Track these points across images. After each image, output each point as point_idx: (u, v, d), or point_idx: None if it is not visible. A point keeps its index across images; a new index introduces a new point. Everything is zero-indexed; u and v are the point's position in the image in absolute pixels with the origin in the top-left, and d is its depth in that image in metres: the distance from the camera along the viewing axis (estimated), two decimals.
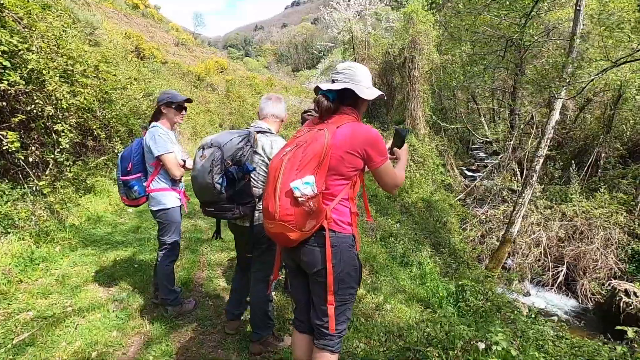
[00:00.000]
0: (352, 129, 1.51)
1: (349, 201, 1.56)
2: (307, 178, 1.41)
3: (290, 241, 1.49)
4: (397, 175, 1.63)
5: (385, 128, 11.69)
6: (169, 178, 2.65)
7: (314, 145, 1.46)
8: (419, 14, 10.15)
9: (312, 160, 1.44)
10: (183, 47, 25.59)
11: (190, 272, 3.40)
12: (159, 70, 15.84)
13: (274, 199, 1.45)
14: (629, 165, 9.15)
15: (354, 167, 1.52)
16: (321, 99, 1.56)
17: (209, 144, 1.98)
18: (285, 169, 1.45)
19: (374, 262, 4.17)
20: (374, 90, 1.65)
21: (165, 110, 2.67)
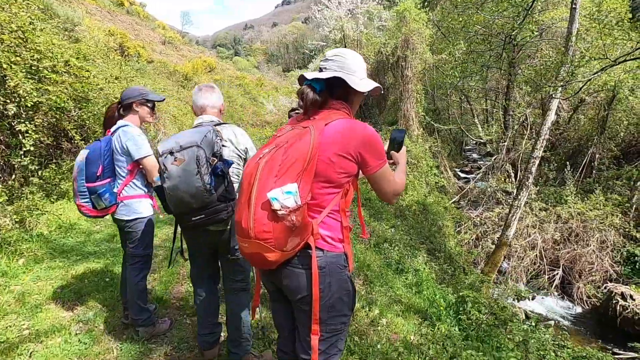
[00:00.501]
0: (343, 127, 1.28)
1: (340, 213, 1.33)
2: (289, 186, 1.17)
3: (269, 263, 1.24)
4: (397, 181, 1.41)
5: (379, 129, 11.53)
6: (145, 183, 2.46)
7: (297, 146, 1.22)
8: (411, 12, 10.03)
9: (294, 165, 1.20)
10: (170, 45, 25.15)
11: (167, 286, 3.13)
12: (144, 69, 15.47)
13: (247, 211, 1.20)
14: (623, 166, 9.16)
15: (345, 173, 1.29)
16: (306, 90, 1.33)
17: (181, 146, 1.80)
18: (262, 176, 1.21)
19: (368, 271, 3.96)
20: (369, 81, 1.43)
21: (138, 108, 2.45)
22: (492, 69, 10.57)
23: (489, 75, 11.70)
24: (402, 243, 5.52)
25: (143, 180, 2.46)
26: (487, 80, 12.21)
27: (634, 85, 8.55)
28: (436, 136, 12.41)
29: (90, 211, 2.37)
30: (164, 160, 1.79)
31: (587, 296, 7.76)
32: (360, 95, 1.44)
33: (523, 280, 8.60)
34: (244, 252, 1.27)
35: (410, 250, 5.46)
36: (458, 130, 14.31)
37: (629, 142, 9.41)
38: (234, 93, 20.73)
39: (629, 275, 7.70)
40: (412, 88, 10.96)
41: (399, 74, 11.04)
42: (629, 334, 6.49)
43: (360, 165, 1.33)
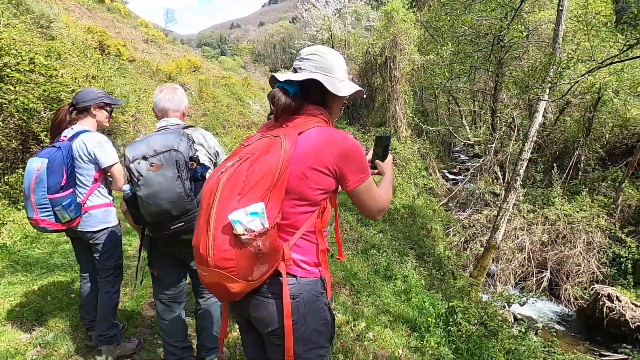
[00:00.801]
0: (319, 136, 1.14)
1: (316, 234, 1.18)
2: (254, 207, 1.02)
3: (232, 294, 1.09)
4: (383, 196, 1.26)
5: (367, 130, 11.46)
6: (109, 191, 2.35)
7: (264, 159, 1.07)
8: (399, 12, 10.00)
9: (261, 181, 1.05)
10: (153, 44, 24.64)
11: (139, 301, 2.93)
12: (125, 69, 15.08)
13: (206, 236, 1.04)
14: (608, 167, 9.30)
15: (322, 189, 1.15)
16: (277, 94, 1.17)
17: (155, 150, 1.69)
18: (222, 194, 1.05)
19: (354, 280, 3.84)
20: (350, 84, 1.28)
21: (96, 112, 2.30)
22: (480, 70, 10.63)
23: (476, 76, 11.78)
24: (390, 248, 5.42)
25: (107, 188, 2.37)
26: (474, 81, 12.29)
27: (618, 88, 8.68)
28: (424, 138, 12.43)
29: (53, 225, 2.18)
30: (137, 166, 1.67)
31: (574, 298, 7.83)
32: (341, 100, 1.30)
33: (511, 282, 8.63)
34: (203, 282, 1.11)
35: (398, 256, 5.36)
36: (446, 132, 14.38)
37: (613, 144, 9.57)
38: (220, 93, 20.42)
39: (614, 276, 7.80)
40: (401, 89, 10.93)
41: (387, 74, 11.00)
42: (615, 335, 6.55)
43: (339, 180, 1.18)
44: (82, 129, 2.24)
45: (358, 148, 1.17)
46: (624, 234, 7.84)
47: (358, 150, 1.17)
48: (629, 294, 6.93)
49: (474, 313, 3.04)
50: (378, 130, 11.07)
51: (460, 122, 14.01)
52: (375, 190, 1.23)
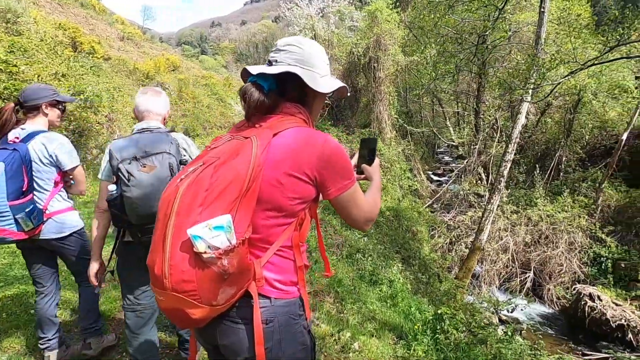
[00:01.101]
0: (297, 138, 1.02)
1: (294, 249, 1.06)
2: (219, 219, 0.89)
3: (193, 321, 0.95)
4: (371, 204, 1.14)
5: (351, 132, 11.43)
6: (67, 195, 2.27)
7: (232, 164, 0.95)
8: (383, 12, 10.01)
9: (228, 189, 0.92)
10: (129, 42, 24.03)
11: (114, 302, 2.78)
12: (99, 67, 14.60)
13: (162, 254, 0.91)
14: (588, 168, 9.56)
15: (300, 198, 1.02)
16: (249, 89, 1.05)
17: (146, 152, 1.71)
18: (182, 205, 0.92)
19: (339, 287, 3.74)
20: (332, 80, 1.16)
21: (48, 110, 2.14)
22: (463, 72, 10.77)
23: (459, 78, 11.93)
24: (375, 252, 5.37)
25: (65, 191, 2.27)
26: (458, 83, 12.45)
27: (596, 90, 8.94)
28: (409, 139, 12.49)
29: (14, 234, 2.02)
30: (127, 166, 1.65)
31: (557, 297, 7.99)
32: (322, 97, 1.18)
33: (496, 283, 8.74)
34: (160, 307, 0.97)
35: (384, 260, 5.31)
36: (430, 133, 14.51)
37: (593, 145, 9.84)
38: (200, 93, 20.07)
39: (595, 275, 7.99)
40: (385, 90, 10.95)
41: (371, 75, 11.00)
42: (596, 334, 6.68)
43: (319, 188, 1.06)
44: (36, 129, 2.08)
45: (341, 151, 1.05)
46: (604, 234, 8.05)
47: (341, 154, 1.05)
48: (610, 293, 7.10)
49: (462, 320, 3.00)
50: (363, 132, 11.05)
51: (444, 123, 14.19)
52: (361, 197, 1.11)
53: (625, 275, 7.52)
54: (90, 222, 4.75)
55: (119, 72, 16.94)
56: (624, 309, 6.63)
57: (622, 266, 7.65)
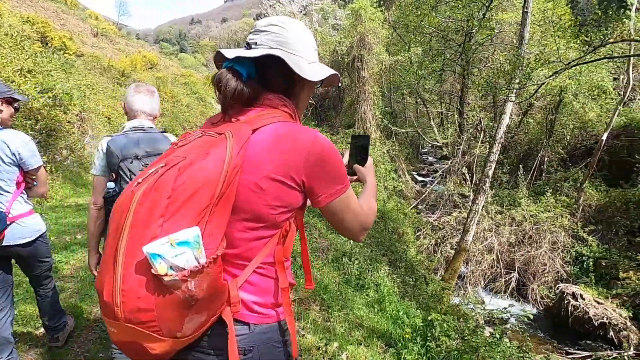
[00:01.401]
0: (280, 135, 0.87)
1: (276, 266, 0.92)
2: (185, 233, 0.75)
3: (154, 356, 0.79)
4: (366, 210, 1.00)
5: (335, 132, 11.37)
6: (27, 197, 2.15)
7: (202, 165, 0.80)
8: (367, 10, 10.00)
9: (196, 196, 0.77)
10: (104, 38, 23.32)
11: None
12: (71, 64, 14.06)
13: (112, 276, 0.75)
14: (569, 168, 9.81)
15: (284, 206, 0.89)
16: (225, 77, 0.89)
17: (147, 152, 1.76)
18: (137, 215, 0.76)
19: (325, 294, 3.64)
20: (322, 67, 1.01)
21: (3, 108, 1.98)
22: (447, 72, 10.88)
23: (443, 78, 12.06)
24: (362, 256, 5.30)
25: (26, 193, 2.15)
26: (442, 83, 12.59)
27: (577, 90, 9.17)
28: (394, 139, 12.54)
29: None
30: (129, 165, 1.70)
31: (541, 297, 8.13)
32: (310, 87, 1.03)
33: (481, 284, 8.85)
34: (112, 339, 0.82)
35: (370, 263, 5.25)
36: (414, 134, 14.62)
37: (574, 145, 10.10)
38: (179, 92, 19.66)
39: (577, 274, 8.17)
40: (369, 89, 10.95)
41: (355, 75, 10.98)
42: (580, 333, 6.82)
43: (307, 194, 0.92)
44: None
45: (333, 150, 0.91)
46: (586, 233, 8.26)
47: (333, 154, 0.91)
48: (591, 291, 7.26)
49: (454, 327, 2.95)
50: (347, 133, 11.01)
51: (428, 123, 14.33)
52: (355, 203, 0.97)
53: (606, 274, 7.72)
54: (58, 227, 4.46)
55: (92, 69, 16.38)
56: (605, 307, 6.79)
57: (603, 265, 7.85)
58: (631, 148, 8.78)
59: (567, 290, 7.34)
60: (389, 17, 11.65)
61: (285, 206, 0.89)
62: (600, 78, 9.01)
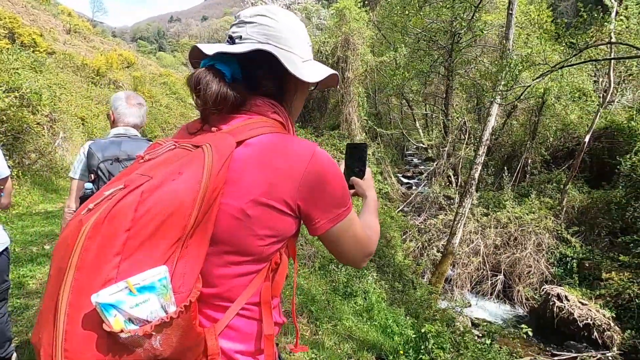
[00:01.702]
0: (272, 150, 0.75)
1: (263, 307, 0.79)
2: (148, 275, 0.60)
3: None
4: (368, 234, 0.88)
5: (320, 134, 11.29)
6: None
7: (172, 188, 0.65)
8: (351, 10, 9.97)
9: (164, 227, 0.63)
10: (77, 35, 22.64)
11: None
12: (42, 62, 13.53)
13: (52, 332, 0.59)
14: (553, 170, 10.02)
15: (275, 236, 0.75)
16: (205, 78, 0.75)
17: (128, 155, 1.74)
18: (85, 254, 0.60)
19: (313, 306, 3.53)
20: (318, 66, 0.88)
21: None
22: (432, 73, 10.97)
23: (428, 80, 12.16)
24: None
25: None
26: (426, 85, 12.70)
27: (559, 93, 9.39)
28: (379, 141, 12.55)
29: None
30: (109, 166, 1.69)
31: (526, 298, 8.24)
32: (304, 90, 0.90)
33: (468, 287, 8.91)
34: None
35: (358, 270, 5.17)
36: (399, 135, 14.70)
37: (556, 147, 10.33)
38: (158, 92, 19.24)
39: (562, 276, 8.32)
40: (354, 91, 10.92)
41: (340, 75, 10.90)
42: (565, 334, 6.92)
43: (303, 220, 0.80)
44: None
45: (334, 168, 0.79)
46: (569, 235, 8.42)
47: (335, 172, 0.78)
48: (576, 292, 7.39)
49: (448, 339, 2.89)
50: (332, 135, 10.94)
51: (413, 125, 14.43)
52: (358, 227, 0.84)
53: (589, 275, 7.87)
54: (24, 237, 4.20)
55: (64, 67, 15.84)
56: (589, 308, 6.92)
57: (587, 265, 8.01)
58: (611, 150, 9.04)
59: (552, 291, 7.45)
60: (374, 18, 11.66)
61: (276, 236, 0.75)
62: (581, 81, 9.25)
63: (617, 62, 8.03)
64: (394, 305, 5.03)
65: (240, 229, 0.72)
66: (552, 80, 8.74)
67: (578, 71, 9.08)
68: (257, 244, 0.73)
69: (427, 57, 9.37)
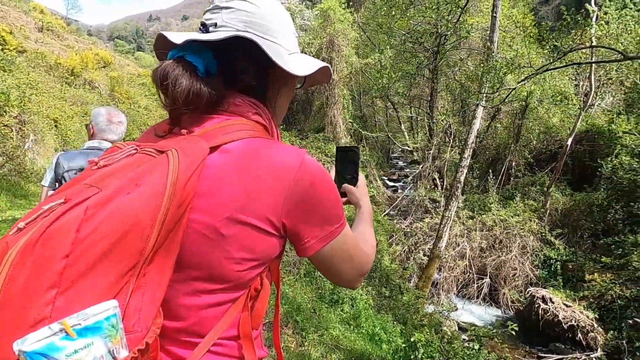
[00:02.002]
0: (252, 158, 0.64)
1: (243, 342, 0.68)
2: (91, 313, 0.49)
3: None
4: (364, 252, 0.78)
5: (304, 136, 11.22)
6: None
7: (123, 203, 0.53)
8: (336, 11, 9.98)
9: (113, 254, 0.52)
10: (50, 33, 22.01)
11: None
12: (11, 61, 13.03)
13: None
14: (536, 173, 10.24)
15: (256, 259, 0.65)
16: (173, 72, 0.64)
17: None
18: (9, 286, 0.47)
19: (298, 316, 3.45)
20: (306, 58, 0.78)
21: None
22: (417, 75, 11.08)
23: (413, 82, 12.28)
24: None
25: None
26: (411, 87, 12.82)
27: (541, 96, 9.62)
28: (364, 144, 12.57)
29: None
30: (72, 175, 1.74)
31: (512, 301, 8.35)
32: (291, 87, 0.80)
33: (454, 290, 8.97)
34: None
35: None
36: (385, 138, 14.78)
37: (540, 150, 10.56)
38: (136, 93, 18.83)
39: (546, 278, 8.48)
40: (339, 93, 10.91)
41: None
42: (550, 336, 7.03)
43: (291, 239, 0.70)
44: None
45: (326, 180, 0.68)
46: (553, 237, 8.59)
47: (327, 184, 0.68)
48: (560, 294, 7.53)
49: (438, 348, 2.85)
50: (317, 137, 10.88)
51: (398, 128, 14.54)
52: (352, 244, 0.74)
53: (572, 277, 8.04)
54: None
55: (36, 67, 15.34)
56: (573, 310, 7.05)
57: (570, 267, 8.18)
58: (592, 153, 9.30)
59: (536, 294, 7.56)
60: (358, 19, 11.71)
61: (257, 259, 0.65)
62: (562, 84, 9.50)
63: (597, 67, 8.28)
64: (382, 312, 4.99)
65: (212, 251, 0.61)
66: (535, 84, 8.94)
67: (560, 75, 9.32)
68: (234, 269, 0.63)
69: (413, 58, 9.43)
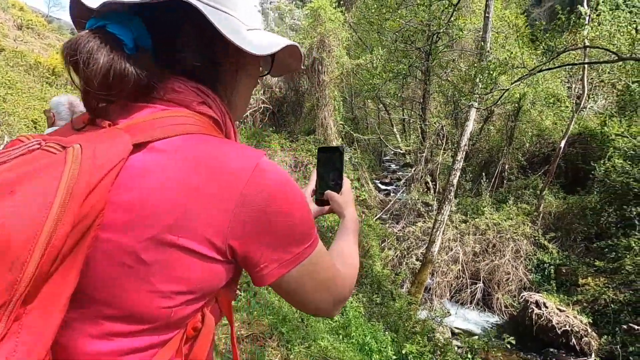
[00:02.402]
0: (191, 160, 0.50)
1: None
2: None
3: None
4: (343, 274, 0.66)
5: (295, 139, 11.11)
6: None
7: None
8: (327, 10, 9.92)
9: None
10: (30, 31, 21.56)
11: None
12: None
13: None
14: (529, 176, 10.28)
15: (191, 291, 0.51)
16: (86, 45, 0.48)
17: None
18: None
19: (283, 327, 3.33)
20: (270, 36, 0.63)
21: None
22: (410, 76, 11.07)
23: (405, 84, 12.28)
24: None
25: None
26: (403, 89, 12.82)
27: (534, 98, 9.67)
28: (356, 147, 12.51)
29: None
30: None
31: (505, 306, 8.34)
32: (253, 69, 0.66)
33: (447, 296, 8.94)
34: None
35: None
36: (377, 140, 14.75)
37: (533, 153, 10.62)
38: None
39: (539, 282, 8.48)
40: (329, 94, 10.83)
41: (315, 78, 10.82)
42: (544, 341, 7.02)
43: (242, 265, 0.56)
44: None
45: (288, 189, 0.55)
46: (546, 241, 8.61)
47: (289, 195, 0.55)
48: (553, 298, 7.53)
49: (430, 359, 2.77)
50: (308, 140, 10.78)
51: (390, 130, 14.53)
52: (327, 266, 0.61)
53: (566, 281, 8.06)
54: None
55: (15, 66, 15.02)
56: (567, 315, 7.05)
57: (564, 271, 8.19)
58: (585, 155, 9.37)
59: (530, 298, 7.56)
60: (349, 19, 11.68)
61: (193, 291, 0.51)
62: (555, 86, 9.58)
63: (589, 69, 8.36)
64: (373, 320, 4.89)
65: (130, 283, 0.48)
66: (527, 86, 8.99)
67: (552, 77, 9.39)
68: (160, 305, 0.49)
69: (405, 58, 9.41)
